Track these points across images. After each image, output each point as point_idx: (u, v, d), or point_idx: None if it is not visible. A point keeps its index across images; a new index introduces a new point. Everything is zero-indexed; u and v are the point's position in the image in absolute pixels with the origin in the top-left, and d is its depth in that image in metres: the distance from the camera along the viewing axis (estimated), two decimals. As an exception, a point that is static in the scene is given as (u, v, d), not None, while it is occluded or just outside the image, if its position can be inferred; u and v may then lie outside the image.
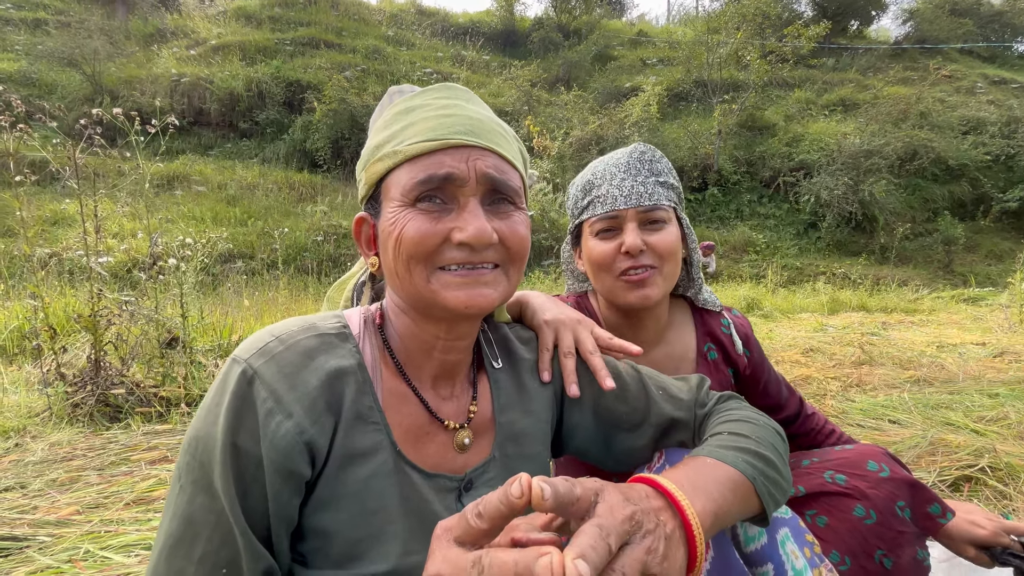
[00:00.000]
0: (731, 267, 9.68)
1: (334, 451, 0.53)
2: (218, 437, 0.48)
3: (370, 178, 0.58)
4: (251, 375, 0.50)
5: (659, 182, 0.96)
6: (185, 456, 0.50)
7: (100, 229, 2.64)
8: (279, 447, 0.49)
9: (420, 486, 0.58)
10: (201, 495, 0.48)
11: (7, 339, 3.33)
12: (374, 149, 0.59)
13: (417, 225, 0.53)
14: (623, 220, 0.95)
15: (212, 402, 0.50)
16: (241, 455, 0.48)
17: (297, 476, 0.51)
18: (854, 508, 0.80)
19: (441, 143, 0.54)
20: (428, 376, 0.62)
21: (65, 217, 7.66)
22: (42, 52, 12.23)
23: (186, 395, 2.43)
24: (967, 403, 2.35)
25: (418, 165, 0.54)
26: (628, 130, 11.48)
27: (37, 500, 1.53)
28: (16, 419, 2.19)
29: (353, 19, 17.15)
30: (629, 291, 0.95)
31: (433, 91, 0.60)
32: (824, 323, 5.01)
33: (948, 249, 10.20)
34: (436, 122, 0.56)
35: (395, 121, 0.58)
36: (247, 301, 4.57)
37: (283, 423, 0.49)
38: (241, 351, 0.52)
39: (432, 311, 0.57)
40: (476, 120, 0.57)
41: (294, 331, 0.54)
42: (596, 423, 0.73)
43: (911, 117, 11.91)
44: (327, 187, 11.19)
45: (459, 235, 0.54)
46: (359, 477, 0.54)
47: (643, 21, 22.34)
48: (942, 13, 17.16)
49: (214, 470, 0.48)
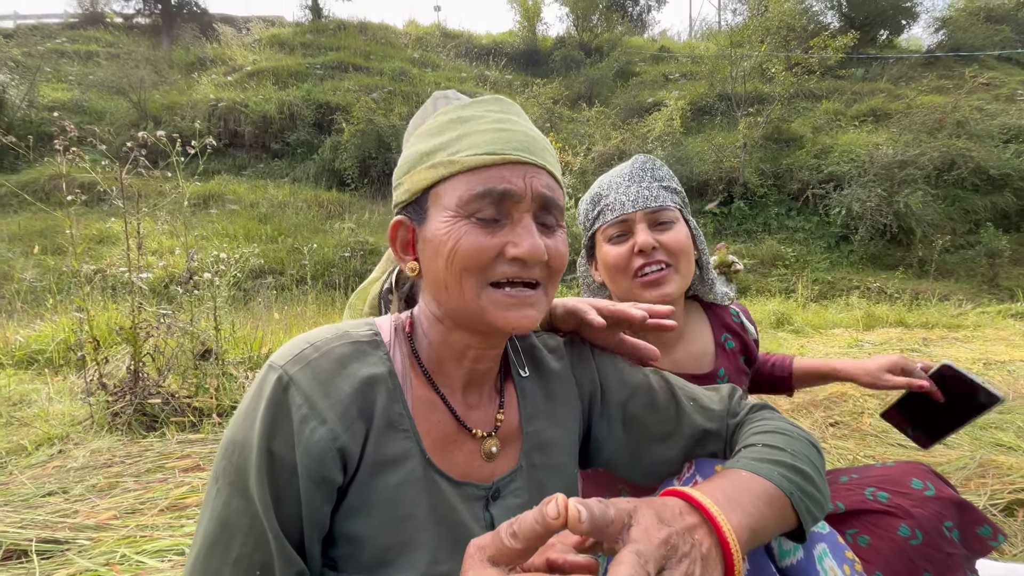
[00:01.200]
0: (759, 281, 9.45)
1: (365, 458, 0.54)
2: (254, 442, 0.49)
3: (416, 184, 0.58)
4: (287, 381, 0.51)
5: (663, 186, 1.00)
6: (222, 459, 0.51)
7: (142, 246, 2.77)
8: (313, 453, 0.50)
9: (448, 494, 0.58)
10: (237, 498, 0.49)
11: (54, 351, 3.49)
12: (422, 155, 0.58)
13: (473, 238, 0.54)
14: (633, 223, 0.98)
15: (249, 407, 0.51)
16: (276, 461, 0.49)
17: (329, 482, 0.51)
18: (899, 528, 0.76)
19: (500, 158, 0.55)
20: (457, 384, 0.62)
21: (110, 235, 8.06)
22: (93, 82, 13.06)
23: (217, 406, 2.50)
24: (1019, 423, 2.21)
25: (476, 177, 0.55)
26: (651, 144, 11.45)
27: (78, 504, 1.59)
28: (60, 427, 2.28)
29: (380, 43, 17.76)
30: (647, 290, 0.96)
31: (485, 103, 0.60)
32: (860, 339, 4.82)
33: (992, 262, 9.72)
34: (494, 135, 0.56)
35: (447, 129, 0.58)
36: (277, 315, 4.69)
37: (317, 429, 0.50)
38: (277, 357, 0.53)
39: (475, 325, 0.58)
40: (531, 137, 0.58)
41: (328, 338, 0.55)
42: (625, 434, 0.72)
43: (947, 126, 11.52)
44: (354, 205, 11.48)
45: (514, 251, 0.54)
46: (389, 484, 0.55)
47: (665, 37, 22.43)
48: (976, 20, 16.67)
49: (250, 474, 0.49)
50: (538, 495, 0.65)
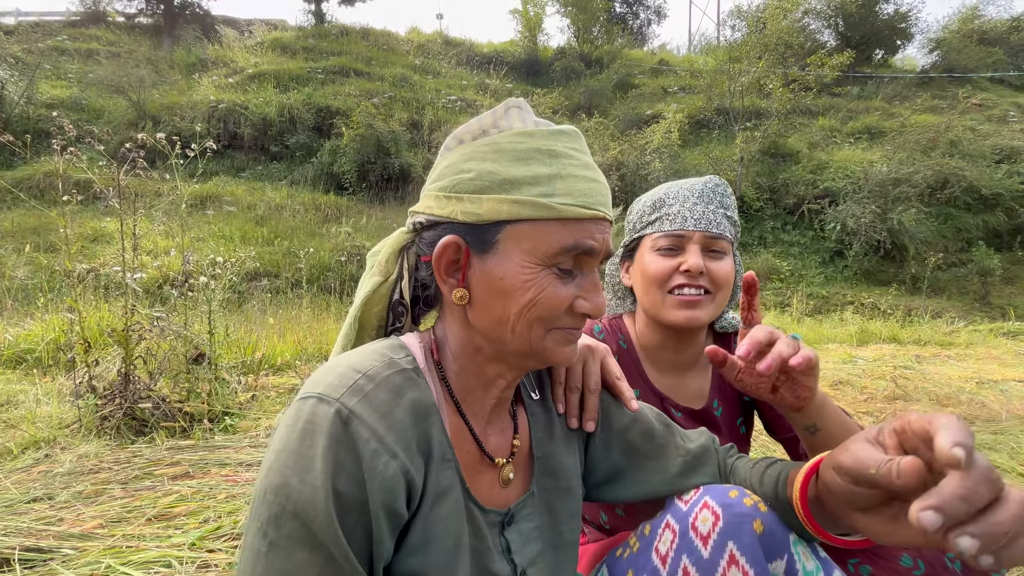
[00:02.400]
0: (754, 294, 9.49)
1: (427, 491, 0.53)
2: (318, 484, 0.45)
3: (493, 213, 0.54)
4: (347, 415, 0.47)
5: (727, 215, 0.99)
6: (271, 508, 0.45)
7: (137, 247, 2.75)
8: (388, 487, 0.47)
9: (480, 522, 0.58)
10: (300, 550, 0.44)
11: (43, 351, 3.45)
12: (504, 183, 0.54)
13: (555, 291, 0.54)
14: (687, 241, 0.96)
15: (299, 446, 0.46)
16: (343, 500, 0.46)
17: (398, 517, 0.49)
18: (900, 558, 0.76)
19: (593, 213, 0.55)
20: (483, 412, 0.62)
21: (104, 234, 8.00)
22: (92, 80, 13.02)
23: (209, 411, 2.47)
24: (1012, 444, 2.22)
25: (568, 229, 0.54)
26: (649, 156, 11.52)
27: (63, 512, 1.55)
28: (47, 430, 2.25)
29: (382, 49, 17.85)
30: (678, 309, 0.94)
31: (570, 138, 0.57)
32: (854, 355, 4.84)
33: (984, 280, 9.82)
34: (587, 186, 0.55)
35: (534, 160, 0.54)
36: (272, 319, 4.66)
37: (390, 463, 0.48)
38: (327, 390, 0.49)
39: (527, 361, 0.58)
40: (607, 190, 0.59)
41: (378, 367, 0.52)
42: (624, 460, 0.73)
43: (941, 145, 11.68)
44: (352, 209, 11.47)
45: (585, 306, 0.56)
46: (442, 516, 0.54)
47: (664, 51, 22.66)
48: (970, 42, 16.98)
49: (316, 520, 0.44)
50: (549, 517, 0.66)
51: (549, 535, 0.66)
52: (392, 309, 0.63)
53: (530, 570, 0.62)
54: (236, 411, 2.59)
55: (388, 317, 0.64)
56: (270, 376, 3.43)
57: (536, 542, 0.64)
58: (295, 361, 3.82)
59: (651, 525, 0.69)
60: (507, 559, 0.60)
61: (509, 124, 0.57)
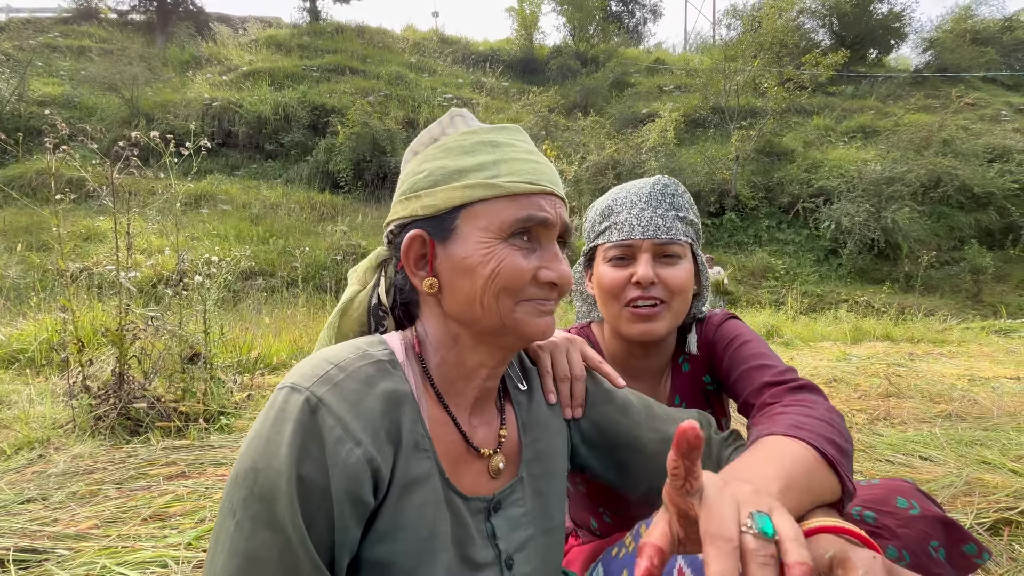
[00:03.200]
0: (750, 293, 9.54)
1: (395, 479, 0.54)
2: (282, 469, 0.47)
3: (447, 201, 0.58)
4: (315, 403, 0.49)
5: (679, 216, 0.95)
6: (239, 490, 0.48)
7: (131, 246, 2.73)
8: (351, 474, 0.48)
9: (461, 511, 0.59)
10: (263, 530, 0.46)
11: (36, 351, 3.42)
12: (453, 172, 0.59)
13: (515, 261, 0.57)
14: (637, 250, 0.93)
15: (269, 432, 0.48)
16: (307, 485, 0.47)
17: (364, 504, 0.50)
18: (886, 549, 0.77)
19: (539, 187, 0.59)
20: (466, 404, 0.63)
21: (97, 233, 7.95)
22: (85, 77, 12.93)
23: (204, 411, 2.46)
24: (1003, 440, 2.24)
25: (518, 203, 0.57)
26: (645, 155, 11.56)
27: (58, 512, 1.55)
28: (41, 430, 2.23)
29: (378, 47, 17.80)
30: (634, 323, 0.93)
31: (510, 131, 0.63)
32: (848, 352, 4.88)
33: (976, 278, 9.92)
34: (531, 166, 0.60)
35: (479, 151, 0.60)
36: (267, 318, 4.64)
37: (353, 451, 0.49)
38: (299, 380, 0.51)
39: (502, 338, 0.59)
40: (553, 171, 0.63)
41: (351, 358, 0.54)
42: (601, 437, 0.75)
43: (933, 144, 11.78)
44: (347, 207, 11.44)
45: (548, 275, 0.58)
46: (415, 505, 0.55)
47: (660, 49, 22.70)
48: (963, 42, 17.11)
49: (278, 502, 0.46)
50: (538, 502, 0.67)
51: (540, 520, 0.67)
52: (372, 314, 0.67)
53: (518, 555, 0.63)
54: (232, 410, 2.58)
55: (369, 322, 0.67)
56: (266, 375, 3.42)
57: (527, 527, 0.65)
58: (291, 360, 3.82)
59: (646, 525, 0.70)
60: (491, 545, 0.61)
61: (455, 129, 0.64)
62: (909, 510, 0.80)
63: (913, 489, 0.84)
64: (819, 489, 0.62)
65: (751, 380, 0.89)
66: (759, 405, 0.84)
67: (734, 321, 1.02)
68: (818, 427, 0.69)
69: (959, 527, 0.82)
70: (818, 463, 0.64)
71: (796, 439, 0.66)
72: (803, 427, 0.69)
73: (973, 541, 0.81)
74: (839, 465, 0.65)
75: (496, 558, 0.61)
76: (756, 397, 0.86)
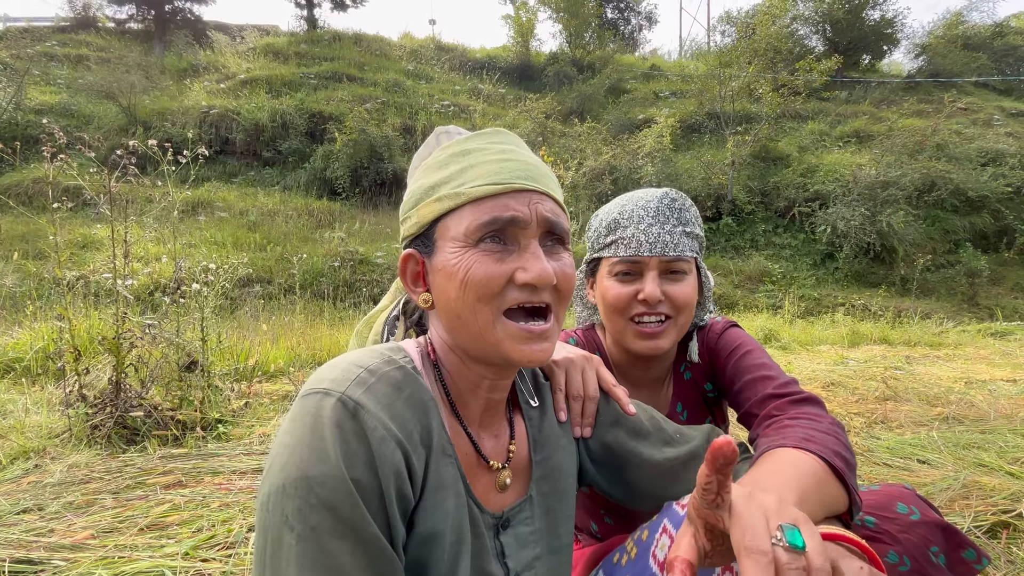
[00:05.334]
0: (747, 297, 9.56)
1: (428, 483, 0.54)
2: (336, 474, 0.46)
3: (424, 217, 0.59)
4: (353, 406, 0.48)
5: (686, 232, 0.95)
6: (292, 501, 0.45)
7: (128, 254, 2.73)
8: (397, 472, 0.48)
9: (479, 521, 0.59)
10: (331, 539, 0.45)
11: (32, 359, 3.40)
12: (428, 189, 0.60)
13: (483, 266, 0.55)
14: (644, 267, 0.93)
15: (311, 438, 0.47)
16: (363, 488, 0.46)
17: (406, 501, 0.50)
18: (887, 554, 0.77)
19: (504, 187, 0.57)
20: (475, 414, 0.63)
21: (94, 241, 7.92)
22: (82, 86, 12.93)
23: (202, 419, 2.45)
24: (1000, 443, 2.25)
25: (482, 207, 0.56)
26: (641, 160, 11.61)
27: (54, 523, 1.54)
28: (37, 440, 2.22)
29: (375, 54, 17.87)
30: (640, 340, 0.93)
31: (486, 135, 0.62)
32: (845, 356, 4.89)
33: (972, 281, 9.96)
34: (498, 166, 0.58)
35: (451, 162, 0.59)
36: (265, 325, 4.63)
37: (396, 450, 0.49)
38: (331, 384, 0.50)
39: (489, 357, 0.58)
40: (533, 165, 0.60)
41: (378, 363, 0.54)
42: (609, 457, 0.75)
43: (927, 149, 11.87)
44: (345, 214, 11.44)
45: (524, 276, 0.55)
46: (447, 509, 0.55)
47: (656, 56, 22.86)
48: (955, 47, 17.29)
49: (341, 508, 0.45)
50: (547, 521, 0.67)
51: (548, 539, 0.67)
52: (387, 325, 0.69)
53: (525, 574, 0.63)
54: (229, 418, 2.57)
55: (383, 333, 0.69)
56: (263, 383, 3.41)
57: (535, 546, 0.65)
58: (289, 368, 3.80)
59: (648, 530, 0.70)
60: (500, 563, 0.61)
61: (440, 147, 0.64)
62: (910, 516, 0.80)
63: (913, 495, 0.84)
64: (829, 501, 0.63)
65: (754, 391, 0.89)
66: (763, 416, 0.85)
67: (736, 330, 1.03)
68: (826, 440, 0.70)
69: (959, 533, 0.82)
70: (828, 475, 0.65)
71: (807, 452, 0.67)
72: (813, 440, 0.70)
73: (972, 547, 0.82)
74: (847, 478, 0.66)
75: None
76: (759, 408, 0.87)
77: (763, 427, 0.82)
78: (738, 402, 0.93)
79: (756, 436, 0.83)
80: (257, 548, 0.48)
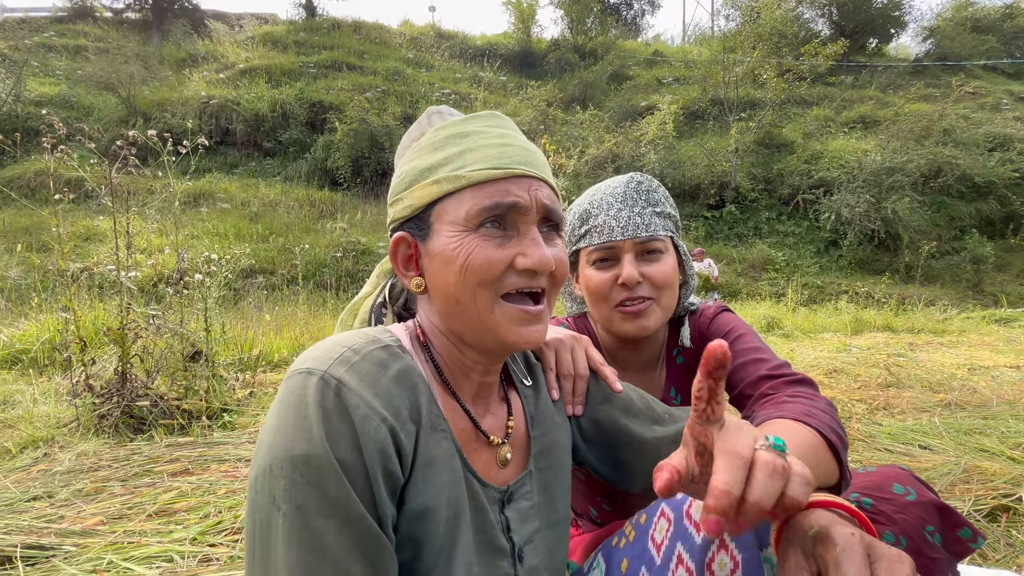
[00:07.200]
0: (750, 285, 9.54)
1: (418, 458, 0.54)
2: (320, 452, 0.46)
3: (419, 200, 0.58)
4: (336, 384, 0.48)
5: (656, 212, 0.96)
6: (278, 480, 0.46)
7: (131, 245, 2.73)
8: (382, 449, 0.48)
9: (480, 495, 0.60)
10: (317, 517, 0.45)
11: (39, 351, 3.44)
12: (423, 171, 0.59)
13: (485, 252, 0.55)
14: (620, 251, 0.95)
15: (295, 418, 0.47)
16: (347, 467, 0.47)
17: (394, 479, 0.50)
18: (883, 535, 0.78)
19: (505, 172, 0.56)
20: (468, 395, 0.64)
21: (97, 233, 7.95)
22: (81, 77, 12.88)
23: (207, 408, 2.47)
24: (1002, 429, 2.25)
25: (483, 191, 0.56)
26: (644, 148, 11.53)
27: (64, 510, 1.56)
28: (45, 429, 2.25)
29: (374, 43, 17.70)
30: (626, 322, 0.94)
31: (483, 118, 0.61)
32: (848, 343, 4.89)
33: (977, 268, 9.91)
34: (498, 151, 0.57)
35: (448, 144, 0.59)
36: (268, 316, 4.65)
37: (380, 426, 0.49)
38: (313, 363, 0.50)
39: (485, 342, 0.58)
40: (531, 151, 0.60)
41: (362, 342, 0.54)
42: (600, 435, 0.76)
43: (934, 134, 11.73)
44: (346, 204, 11.43)
45: (524, 262, 0.56)
46: (443, 483, 0.55)
47: (658, 41, 22.57)
48: (963, 30, 17.00)
49: (327, 486, 0.45)
50: (545, 496, 0.68)
51: (545, 513, 0.68)
52: (374, 311, 0.69)
53: (527, 548, 0.64)
54: (234, 408, 2.60)
55: (370, 319, 0.69)
56: (267, 373, 3.44)
57: (534, 520, 0.66)
58: (292, 357, 3.83)
59: (646, 514, 0.71)
60: (506, 537, 0.62)
61: (433, 128, 0.63)
62: (906, 496, 0.81)
63: (909, 476, 0.85)
64: (821, 471, 0.64)
65: (747, 373, 0.90)
66: (757, 396, 0.86)
67: (728, 314, 1.03)
68: (823, 417, 0.72)
69: (954, 512, 0.83)
70: (823, 448, 0.67)
71: (804, 424, 0.68)
72: (812, 415, 0.71)
73: (968, 526, 0.82)
74: (841, 453, 0.67)
75: (511, 550, 0.62)
76: (753, 389, 0.87)
77: (759, 404, 0.83)
78: (731, 383, 0.94)
79: (751, 414, 0.83)
80: (247, 528, 0.48)
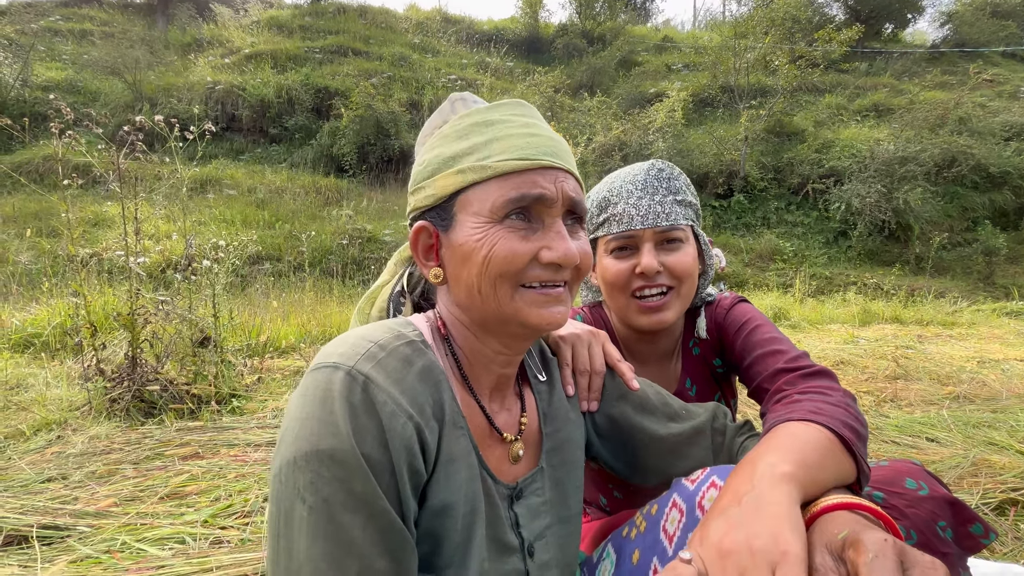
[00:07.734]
0: (757, 275, 9.47)
1: (441, 455, 0.54)
2: (346, 447, 0.46)
3: (443, 189, 0.57)
4: (363, 380, 0.48)
5: (677, 200, 0.94)
6: (304, 474, 0.46)
7: (139, 231, 2.75)
8: (408, 446, 0.48)
9: (493, 492, 0.60)
10: (342, 512, 0.45)
11: (50, 335, 3.48)
12: (448, 159, 0.57)
13: (509, 244, 0.54)
14: (639, 240, 0.93)
15: (321, 412, 0.47)
16: (373, 464, 0.47)
17: (418, 476, 0.51)
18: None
19: (532, 163, 0.55)
20: (486, 389, 0.63)
21: (105, 219, 7.99)
22: (87, 61, 12.85)
23: (216, 393, 2.50)
24: (1012, 422, 2.24)
25: (509, 182, 0.55)
26: (652, 136, 11.38)
27: (78, 491, 1.59)
28: (58, 412, 2.28)
29: (380, 27, 17.50)
30: (643, 315, 0.93)
31: (508, 107, 0.60)
32: (856, 335, 4.85)
33: (989, 260, 9.76)
34: (524, 140, 0.56)
35: (472, 133, 0.57)
36: (275, 302, 4.68)
37: (407, 424, 0.49)
38: (340, 358, 0.50)
39: (507, 327, 0.57)
40: (556, 141, 0.59)
41: (388, 337, 0.53)
42: (614, 431, 0.76)
43: (949, 123, 11.48)
44: (353, 191, 11.40)
45: (549, 255, 0.55)
46: (460, 481, 0.55)
47: (668, 27, 22.16)
48: (983, 15, 16.54)
49: (353, 480, 0.46)
50: (556, 492, 0.68)
51: (557, 509, 0.68)
52: (392, 301, 0.68)
53: (538, 544, 0.64)
54: (243, 393, 2.62)
55: (389, 309, 0.68)
56: (275, 359, 3.46)
57: (545, 516, 0.66)
58: (299, 344, 3.86)
59: (658, 504, 0.71)
60: (515, 532, 0.62)
61: (456, 115, 0.61)
62: (918, 491, 0.80)
63: (921, 470, 0.84)
64: (835, 469, 0.63)
65: (765, 366, 0.88)
66: (773, 391, 0.84)
67: (744, 305, 1.02)
68: (835, 412, 0.70)
69: (966, 508, 0.82)
70: (833, 444, 0.65)
71: (813, 423, 0.67)
72: (820, 412, 0.70)
73: (980, 521, 0.82)
74: (855, 447, 0.66)
75: (520, 546, 0.62)
76: (770, 383, 0.86)
77: (772, 402, 0.82)
78: (749, 377, 0.93)
79: (766, 412, 0.83)
80: (270, 519, 0.49)
